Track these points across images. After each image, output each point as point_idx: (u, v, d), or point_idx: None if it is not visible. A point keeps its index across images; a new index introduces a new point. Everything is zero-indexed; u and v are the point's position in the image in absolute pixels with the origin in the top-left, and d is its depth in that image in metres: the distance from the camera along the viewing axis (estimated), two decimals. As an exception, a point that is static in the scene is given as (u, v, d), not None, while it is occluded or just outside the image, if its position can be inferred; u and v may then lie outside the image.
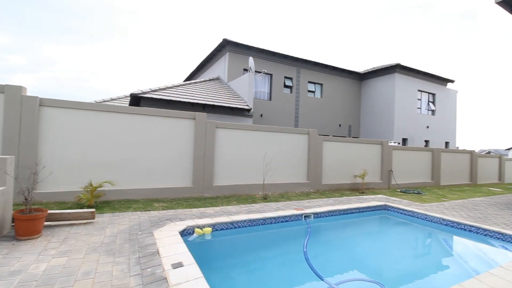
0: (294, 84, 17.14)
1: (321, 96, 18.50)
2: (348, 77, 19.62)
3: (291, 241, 5.37)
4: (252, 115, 12.56)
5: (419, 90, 19.56)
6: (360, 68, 22.23)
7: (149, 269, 3.02)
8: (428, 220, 6.25)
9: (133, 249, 3.57)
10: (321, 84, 18.46)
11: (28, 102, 5.42)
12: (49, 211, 4.02)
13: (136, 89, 9.90)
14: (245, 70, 15.05)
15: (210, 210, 5.81)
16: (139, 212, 5.26)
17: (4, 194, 3.67)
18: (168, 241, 3.81)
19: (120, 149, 6.36)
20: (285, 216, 5.61)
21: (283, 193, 8.25)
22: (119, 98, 13.31)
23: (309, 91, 17.98)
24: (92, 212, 4.43)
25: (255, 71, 14.28)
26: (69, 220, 4.29)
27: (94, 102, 11.40)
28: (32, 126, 5.46)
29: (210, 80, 15.02)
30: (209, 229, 4.61)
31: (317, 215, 5.99)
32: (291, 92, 17.15)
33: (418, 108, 19.55)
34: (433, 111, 20.44)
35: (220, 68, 16.18)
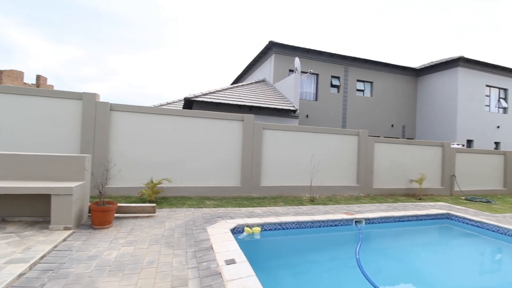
0: (341, 83, 16.51)
1: (371, 95, 17.49)
2: (402, 73, 18.21)
3: (341, 246, 5.19)
4: (298, 116, 12.45)
5: (487, 86, 17.26)
6: (415, 63, 20.44)
7: (204, 263, 3.20)
8: (501, 233, 5.49)
9: (189, 243, 3.81)
10: (371, 82, 17.45)
11: (101, 107, 6.19)
12: (118, 204, 4.51)
13: (188, 94, 10.55)
14: (291, 71, 14.98)
15: (258, 210, 5.91)
16: (192, 209, 5.60)
17: (83, 188, 4.24)
18: (220, 238, 3.98)
19: (175, 149, 6.85)
20: (335, 220, 5.44)
21: (331, 196, 8.00)
22: (173, 102, 14.33)
23: (357, 90, 17.14)
24: (153, 206, 4.85)
25: (301, 72, 14.12)
26: (134, 213, 4.77)
27: (153, 106, 12.46)
28: (104, 129, 6.20)
29: (256, 82, 15.29)
30: (258, 228, 4.70)
31: (369, 221, 5.69)
32: (338, 91, 16.56)
33: (486, 105, 17.26)
34: (504, 108, 17.85)
35: (266, 70, 16.35)
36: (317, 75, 15.95)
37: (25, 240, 3.40)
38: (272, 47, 15.13)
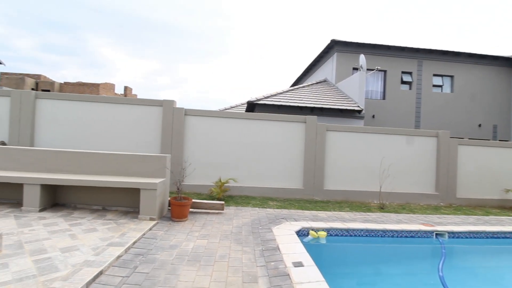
0: (414, 79, 14.91)
1: (452, 91, 15.34)
2: (491, 64, 15.50)
3: (418, 261, 4.69)
4: (363, 117, 11.71)
5: None
6: (508, 52, 17.15)
7: (272, 263, 3.26)
8: None
9: (256, 241, 3.94)
10: (451, 76, 15.31)
11: (177, 112, 6.90)
12: (193, 200, 4.93)
13: (250, 97, 10.93)
14: (355, 69, 14.18)
15: (322, 213, 5.76)
16: (257, 208, 5.77)
17: (164, 184, 4.76)
18: (286, 239, 4.00)
19: (240, 150, 7.17)
20: (410, 231, 4.93)
21: (404, 204, 7.28)
22: (236, 106, 15.04)
23: (434, 85, 15.23)
24: (222, 204, 5.16)
25: (367, 69, 13.25)
26: (206, 209, 5.15)
27: (218, 110, 13.30)
28: (180, 131, 6.89)
29: (317, 83, 14.94)
30: (324, 233, 4.57)
31: (453, 234, 4.99)
32: (410, 88, 15.00)
33: None
34: None
35: (328, 69, 15.84)
36: (385, 71, 14.75)
37: (120, 227, 3.99)
38: (334, 46, 14.58)
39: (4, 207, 4.56)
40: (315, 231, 4.59)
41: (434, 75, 15.16)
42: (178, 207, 4.47)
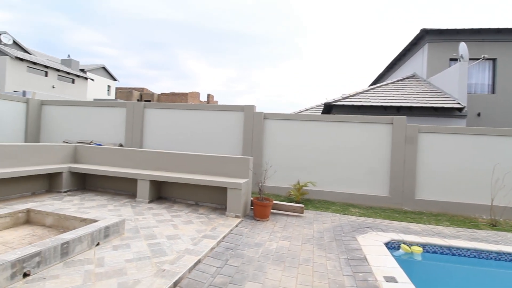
0: (539, 67, 11.87)
1: None
2: None
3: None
4: (465, 115, 9.94)
5: None
6: None
7: (360, 274, 3.08)
8: None
9: (340, 249, 3.79)
10: None
11: (257, 116, 7.25)
12: (274, 202, 5.08)
13: (326, 98, 10.60)
14: (452, 60, 12.20)
15: (414, 226, 5.14)
16: (338, 215, 5.54)
17: (248, 184, 5.05)
18: (374, 251, 3.73)
19: (318, 153, 7.02)
20: (540, 257, 3.94)
21: (527, 223, 5.85)
22: (312, 108, 14.81)
23: None
24: (302, 207, 5.16)
25: (469, 59, 11.22)
26: (285, 211, 5.23)
27: (293, 113, 13.36)
28: (259, 134, 7.21)
29: (403, 79, 13.45)
30: (419, 248, 4.07)
31: None
32: (533, 79, 12.00)
33: None
34: None
35: (416, 63, 14.08)
36: (494, 60, 12.21)
37: (211, 221, 4.41)
38: (425, 36, 12.84)
39: (123, 197, 5.60)
40: (407, 245, 4.13)
41: None
42: (260, 207, 4.67)
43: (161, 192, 5.65)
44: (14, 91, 18.39)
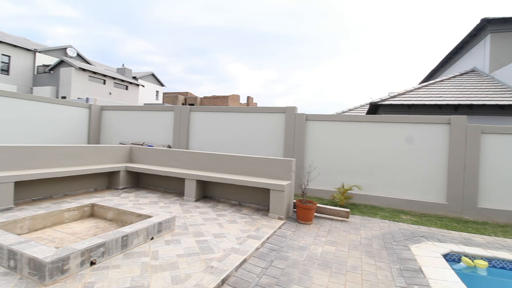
0: None
1: None
2: None
3: None
4: (540, 114, 8.65)
5: None
6: None
7: (415, 286, 2.85)
8: None
9: (391, 258, 3.55)
10: None
11: (299, 118, 7.16)
12: (318, 205, 4.96)
13: (370, 97, 10.05)
14: (523, 51, 10.71)
15: (477, 237, 4.60)
16: (387, 221, 5.21)
17: (290, 186, 5.01)
18: (431, 262, 3.42)
19: (363, 156, 6.69)
20: None
21: None
22: (355, 108, 14.17)
23: None
24: (347, 212, 4.95)
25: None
26: (329, 214, 5.08)
27: (335, 114, 12.94)
28: (301, 136, 7.12)
29: (461, 74, 12.17)
30: (484, 263, 3.63)
31: None
32: None
33: None
34: None
35: (477, 56, 12.65)
36: None
37: (254, 222, 4.46)
38: (487, 26, 11.48)
39: (172, 195, 5.95)
40: (470, 258, 3.72)
41: None
42: (304, 210, 4.60)
43: (206, 192, 5.88)
44: (78, 98, 20.75)
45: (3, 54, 23.56)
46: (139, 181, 6.70)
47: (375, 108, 10.20)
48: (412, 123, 6.48)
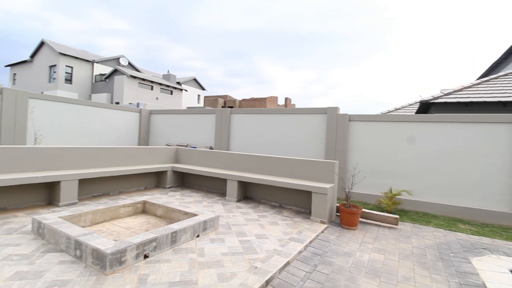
0: None
1: None
2: None
3: None
4: None
5: None
6: None
7: (480, 304, 2.56)
8: None
9: (449, 270, 3.24)
10: None
11: (341, 118, 6.92)
12: (363, 210, 4.74)
13: (420, 95, 9.29)
14: None
15: (557, 254, 3.98)
16: (442, 230, 4.77)
17: (333, 189, 4.86)
18: (496, 278, 3.05)
19: (413, 158, 6.21)
20: None
21: None
22: (403, 107, 13.26)
23: None
24: (396, 218, 4.64)
25: None
26: (376, 220, 4.81)
27: (381, 114, 12.25)
28: (344, 137, 6.87)
29: (531, 66, 10.68)
30: None
31: None
32: None
33: None
34: None
35: (552, 45, 10.99)
36: None
37: (296, 225, 4.41)
38: None
39: (214, 195, 6.16)
40: (548, 278, 3.23)
41: None
42: (348, 215, 4.42)
43: (247, 192, 5.97)
44: (129, 103, 22.57)
45: (67, 66, 26.71)
46: (184, 181, 7.05)
47: (426, 107, 9.43)
48: (471, 122, 5.86)
